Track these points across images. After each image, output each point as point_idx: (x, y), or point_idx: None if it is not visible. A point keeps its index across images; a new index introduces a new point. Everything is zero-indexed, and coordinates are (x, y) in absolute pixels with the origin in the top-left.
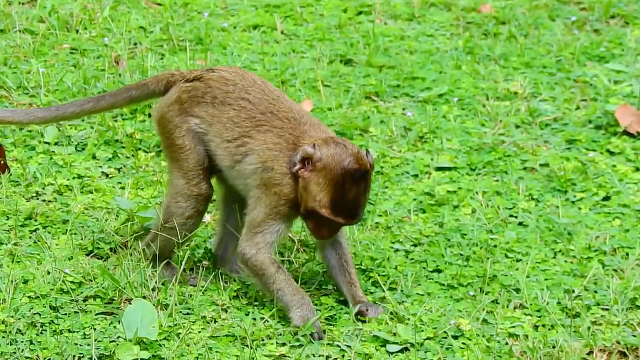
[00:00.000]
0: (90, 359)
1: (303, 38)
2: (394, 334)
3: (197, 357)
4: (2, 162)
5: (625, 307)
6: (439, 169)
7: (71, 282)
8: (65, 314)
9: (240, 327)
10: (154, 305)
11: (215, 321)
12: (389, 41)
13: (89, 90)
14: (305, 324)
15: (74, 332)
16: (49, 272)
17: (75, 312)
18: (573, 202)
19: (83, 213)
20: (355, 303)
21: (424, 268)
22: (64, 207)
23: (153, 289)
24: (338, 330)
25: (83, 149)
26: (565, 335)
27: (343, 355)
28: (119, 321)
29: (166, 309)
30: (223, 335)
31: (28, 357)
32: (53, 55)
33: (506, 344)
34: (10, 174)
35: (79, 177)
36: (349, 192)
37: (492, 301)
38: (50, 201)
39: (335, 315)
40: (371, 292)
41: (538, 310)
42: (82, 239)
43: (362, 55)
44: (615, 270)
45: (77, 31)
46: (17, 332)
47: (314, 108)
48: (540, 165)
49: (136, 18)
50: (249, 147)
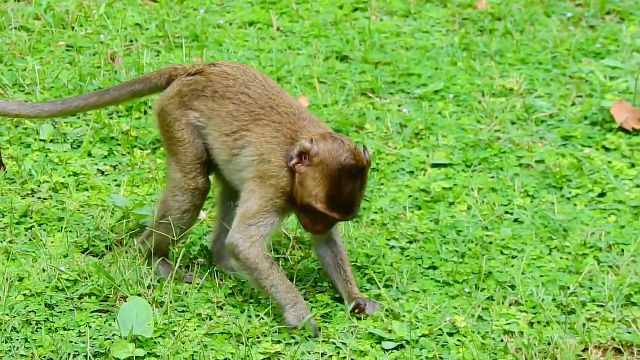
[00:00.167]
0: (86, 357)
1: (299, 35)
2: (390, 331)
3: (192, 355)
4: None
5: (620, 304)
6: (434, 165)
7: (67, 280)
8: (61, 312)
9: (236, 324)
10: (149, 303)
11: (211, 319)
12: (385, 38)
13: (85, 87)
14: (301, 323)
15: (70, 330)
16: (44, 270)
17: (71, 310)
18: (569, 198)
19: (79, 211)
20: (352, 300)
21: (420, 265)
22: (60, 205)
23: (148, 287)
24: (334, 328)
25: (79, 146)
26: (560, 332)
27: (338, 353)
28: (115, 319)
29: (162, 306)
30: (219, 333)
31: (23, 355)
32: (49, 52)
33: (502, 341)
34: (6, 172)
35: (75, 174)
36: (345, 187)
37: (488, 298)
38: (45, 199)
39: (330, 312)
40: (367, 290)
41: (533, 307)
42: (77, 237)
43: (358, 52)
44: (610, 267)
45: (73, 28)
46: (12, 330)
47: (310, 105)
48: (536, 162)
49: (132, 15)
50: (247, 140)
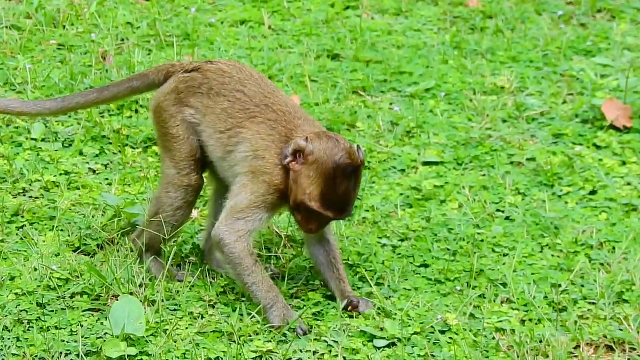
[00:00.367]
0: (78, 355)
1: (290, 33)
2: (382, 329)
3: (184, 354)
4: None
5: (612, 301)
6: (426, 163)
7: (58, 278)
8: (53, 311)
9: (228, 323)
10: (141, 301)
11: (203, 317)
12: (377, 36)
13: (76, 86)
14: (284, 321)
15: (61, 329)
16: (36, 269)
17: (63, 309)
18: (560, 196)
19: (70, 210)
20: (344, 298)
21: (411, 263)
22: (51, 204)
23: (140, 286)
24: (325, 326)
25: (70, 145)
26: (552, 330)
27: (330, 351)
28: (106, 318)
29: (153, 305)
30: (210, 332)
31: (15, 355)
32: (40, 51)
33: (493, 338)
34: None
35: (66, 173)
36: (339, 186)
37: (479, 296)
38: (37, 198)
39: (322, 310)
40: (359, 288)
41: (525, 305)
42: (69, 236)
43: (350, 50)
44: (602, 265)
45: (64, 27)
46: (4, 330)
47: (301, 103)
48: (527, 160)
49: (123, 14)
50: (241, 137)
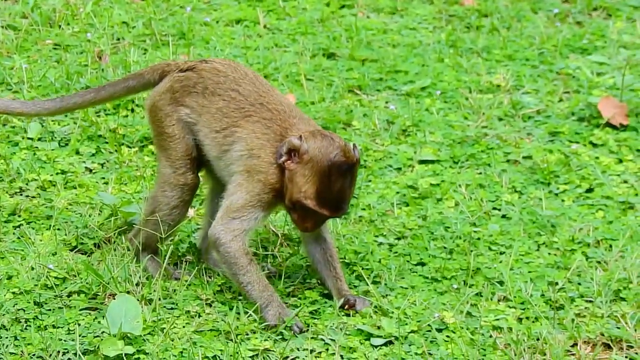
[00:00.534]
0: (75, 354)
1: (286, 32)
2: (378, 328)
3: (181, 352)
4: None
5: (609, 299)
6: (422, 162)
7: (55, 277)
8: (50, 310)
9: (225, 321)
10: (138, 300)
11: (200, 316)
12: (372, 35)
13: (72, 85)
14: (280, 320)
15: (58, 327)
16: (32, 268)
17: (60, 307)
18: (556, 194)
19: (67, 208)
20: (341, 297)
21: (408, 261)
22: (48, 203)
23: (137, 284)
24: (322, 324)
25: (66, 144)
26: (549, 328)
27: (327, 349)
28: (103, 316)
29: (150, 303)
30: (207, 330)
31: (12, 353)
32: (36, 51)
33: (490, 336)
34: None
35: (63, 172)
36: (334, 184)
37: (476, 294)
38: (33, 197)
39: (319, 309)
40: (355, 286)
41: (522, 303)
42: (65, 235)
43: (345, 49)
44: (598, 262)
45: (60, 27)
46: (1, 328)
47: (297, 102)
48: (523, 158)
49: (119, 13)
50: (237, 136)
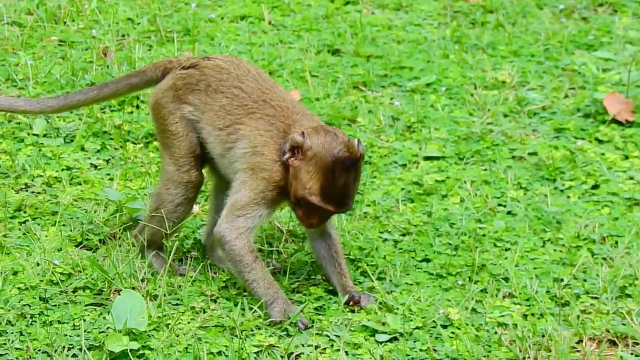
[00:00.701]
0: (80, 349)
1: (290, 28)
2: (383, 324)
3: (186, 348)
4: None
5: (614, 296)
6: (427, 158)
7: (60, 273)
8: (55, 305)
9: (230, 317)
10: (143, 296)
11: (205, 312)
12: (377, 31)
13: (77, 82)
14: (285, 316)
15: (64, 323)
16: (38, 264)
17: (65, 303)
18: (562, 190)
19: (72, 204)
20: (346, 293)
21: (413, 257)
22: (53, 199)
23: (142, 280)
24: (327, 320)
25: (72, 140)
26: (554, 324)
27: (332, 345)
28: (109, 312)
29: (155, 299)
30: (212, 326)
31: (18, 349)
32: (41, 47)
33: (495, 333)
34: None
35: (68, 168)
36: (338, 179)
37: (481, 290)
38: (39, 193)
39: (324, 305)
40: (360, 282)
41: (527, 299)
42: (71, 231)
43: (350, 45)
44: (604, 259)
45: (65, 23)
46: (7, 324)
47: (301, 98)
48: (528, 154)
49: (124, 10)
50: (240, 134)
